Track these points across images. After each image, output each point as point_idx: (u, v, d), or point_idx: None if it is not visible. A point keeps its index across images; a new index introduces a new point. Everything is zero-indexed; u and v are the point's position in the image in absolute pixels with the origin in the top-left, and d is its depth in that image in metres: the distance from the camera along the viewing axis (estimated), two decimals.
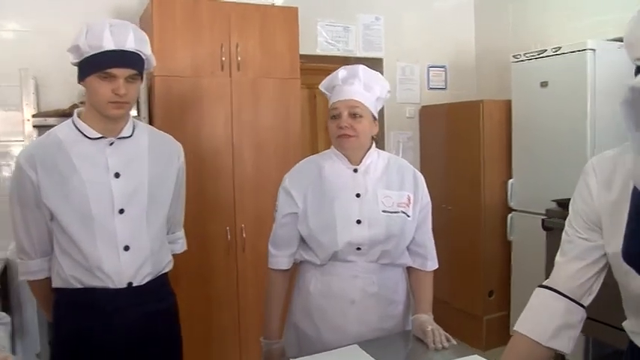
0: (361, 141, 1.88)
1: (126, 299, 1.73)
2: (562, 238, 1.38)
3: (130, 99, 1.70)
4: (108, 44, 1.61)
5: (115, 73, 1.63)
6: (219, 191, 3.18)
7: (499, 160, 3.97)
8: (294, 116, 3.39)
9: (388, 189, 1.91)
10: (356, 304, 1.87)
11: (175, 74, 3.05)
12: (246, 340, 3.25)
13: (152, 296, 1.80)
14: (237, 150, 3.22)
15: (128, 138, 1.78)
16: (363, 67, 1.91)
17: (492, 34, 4.57)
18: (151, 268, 1.78)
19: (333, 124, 1.87)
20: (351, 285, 1.87)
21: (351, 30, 4.21)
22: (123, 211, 1.71)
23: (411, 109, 4.49)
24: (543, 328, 1.30)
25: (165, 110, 3.05)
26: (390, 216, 1.87)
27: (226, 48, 3.16)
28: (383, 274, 1.91)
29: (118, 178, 1.72)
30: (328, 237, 1.84)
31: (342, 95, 1.86)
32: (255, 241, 3.24)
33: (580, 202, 1.32)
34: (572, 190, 3.25)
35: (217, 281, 3.18)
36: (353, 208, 1.86)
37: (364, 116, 1.86)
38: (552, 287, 1.34)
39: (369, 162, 1.93)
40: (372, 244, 1.85)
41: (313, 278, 1.91)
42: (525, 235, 3.82)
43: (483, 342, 3.93)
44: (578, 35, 3.73)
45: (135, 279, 1.74)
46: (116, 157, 1.73)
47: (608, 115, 3.41)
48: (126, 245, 1.71)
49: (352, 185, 1.90)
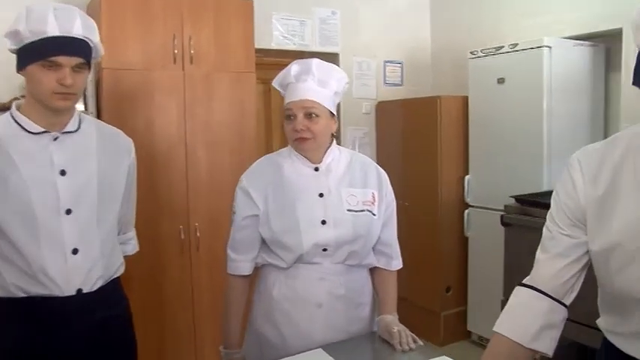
0: (319, 142, 1.79)
1: (75, 307, 1.60)
2: (543, 234, 1.33)
3: (77, 90, 1.58)
4: (52, 30, 1.48)
5: (61, 62, 1.50)
6: (171, 189, 3.05)
7: (456, 156, 3.97)
8: (249, 112, 3.29)
9: (352, 187, 1.84)
10: (323, 308, 1.79)
11: (125, 67, 2.91)
12: (202, 344, 3.14)
13: (104, 303, 1.68)
14: (191, 146, 3.10)
15: (74, 132, 1.65)
16: (317, 62, 1.80)
17: (448, 31, 4.57)
18: (101, 272, 1.66)
19: (289, 126, 1.77)
20: (317, 288, 1.79)
21: (307, 24, 4.13)
22: (70, 212, 1.58)
23: (367, 105, 4.45)
24: (525, 330, 1.25)
25: (114, 105, 2.90)
26: (356, 215, 1.80)
27: (179, 40, 3.03)
28: (350, 275, 1.83)
29: (63, 175, 1.59)
30: (293, 239, 1.75)
31: (295, 95, 1.76)
32: (209, 241, 3.13)
33: (564, 196, 1.28)
34: (529, 185, 3.35)
35: (171, 283, 3.05)
36: (317, 209, 1.78)
37: (321, 115, 1.75)
38: (533, 286, 1.29)
39: (330, 160, 1.85)
40: (339, 244, 1.77)
41: (277, 282, 1.81)
42: (482, 231, 3.84)
43: (441, 337, 3.93)
44: (534, 32, 3.76)
45: (85, 285, 1.61)
46: (61, 153, 1.60)
47: (564, 112, 3.45)
48: (74, 248, 1.59)
49: (314, 185, 1.81)
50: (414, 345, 1.72)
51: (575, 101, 3.52)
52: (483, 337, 3.90)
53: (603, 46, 3.60)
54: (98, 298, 1.65)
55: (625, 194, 1.17)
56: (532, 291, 1.29)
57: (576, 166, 1.26)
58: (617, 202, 1.18)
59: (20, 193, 1.53)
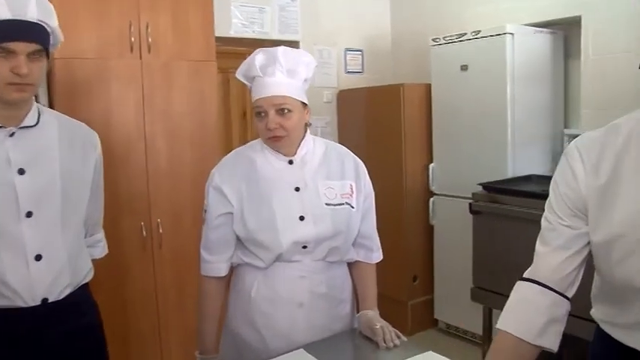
0: (293, 137, 1.70)
1: (41, 319, 1.47)
2: (542, 225, 1.29)
3: (34, 80, 1.43)
4: (3, 12, 1.34)
5: (14, 49, 1.36)
6: (131, 184, 2.91)
7: (420, 144, 3.95)
8: (210, 102, 3.17)
9: (329, 179, 1.75)
10: (304, 307, 1.71)
11: (78, 56, 2.74)
12: (168, 345, 3.03)
13: (73, 312, 1.56)
14: (150, 139, 2.96)
15: (33, 127, 1.51)
16: (283, 49, 1.68)
17: (408, 18, 4.54)
18: (69, 279, 1.54)
19: (261, 124, 1.66)
20: (298, 287, 1.70)
21: (267, 11, 4.02)
22: (31, 214, 1.45)
23: (329, 94, 4.39)
24: (530, 326, 1.21)
25: (67, 96, 2.73)
26: (335, 209, 1.72)
27: (135, 27, 2.88)
28: (331, 272, 1.76)
29: (22, 175, 1.45)
30: (270, 237, 1.66)
31: (264, 91, 1.64)
32: (172, 237, 3.01)
33: (564, 186, 1.24)
34: (493, 173, 3.36)
35: (133, 283, 2.92)
36: (294, 204, 1.69)
37: (293, 110, 1.65)
38: (536, 280, 1.25)
39: (305, 152, 1.76)
40: (319, 241, 1.69)
41: (255, 282, 1.72)
42: (447, 219, 3.84)
43: (408, 327, 3.92)
44: (494, 19, 3.78)
45: (50, 294, 1.49)
46: (19, 150, 1.46)
47: (527, 99, 3.47)
48: (37, 254, 1.46)
49: (289, 179, 1.72)
50: (397, 341, 1.67)
51: (537, 88, 3.54)
52: (450, 324, 3.92)
53: (562, 34, 3.63)
54: (67, 308, 1.53)
55: (627, 183, 1.14)
56: (535, 285, 1.25)
57: (576, 155, 1.22)
58: (618, 192, 1.15)
59: None
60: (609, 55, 3.24)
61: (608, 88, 3.26)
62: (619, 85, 3.20)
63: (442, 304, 3.95)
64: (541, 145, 3.60)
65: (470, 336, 3.79)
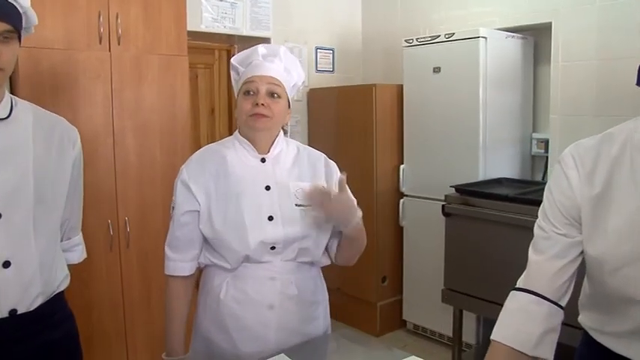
0: (275, 124, 1.68)
1: (9, 333, 1.35)
2: (535, 233, 1.27)
3: (5, 65, 1.30)
4: None
5: None
6: (98, 181, 2.79)
7: (390, 145, 3.95)
8: (181, 97, 3.08)
9: (300, 181, 1.72)
10: (275, 310, 1.66)
11: (44, 46, 2.62)
12: (134, 346, 2.93)
13: (46, 324, 1.43)
14: (119, 134, 2.86)
15: (4, 120, 1.38)
16: (285, 49, 1.74)
17: (379, 19, 4.53)
18: (41, 288, 1.41)
19: (247, 101, 1.64)
20: (268, 288, 1.66)
21: (238, 6, 3.94)
22: (0, 216, 1.33)
23: (299, 92, 4.34)
24: (527, 337, 1.19)
25: (32, 89, 2.60)
26: (305, 210, 1.67)
27: (104, 17, 2.78)
28: (301, 273, 1.71)
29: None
30: (238, 238, 1.61)
31: (261, 70, 1.66)
32: (140, 236, 2.92)
33: (558, 194, 1.22)
34: (465, 175, 3.39)
35: (99, 282, 2.81)
36: (263, 203, 1.65)
37: (282, 97, 1.67)
38: (531, 290, 1.23)
39: (279, 151, 1.73)
40: (288, 242, 1.65)
41: (224, 283, 1.67)
42: (417, 221, 3.85)
43: (377, 327, 3.92)
44: (465, 23, 3.80)
45: (20, 305, 1.35)
46: None
47: (499, 102, 3.50)
48: (5, 261, 1.32)
49: (260, 177, 1.68)
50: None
51: (508, 92, 3.58)
52: (418, 325, 3.93)
53: (532, 40, 3.68)
54: (38, 320, 1.41)
55: (621, 193, 1.14)
56: (530, 295, 1.23)
57: (570, 163, 1.21)
58: (612, 202, 1.14)
59: None
60: (578, 62, 3.29)
61: (575, 94, 3.32)
62: (586, 91, 3.26)
63: (411, 305, 3.95)
64: (511, 148, 3.64)
65: (438, 337, 3.80)
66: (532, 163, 3.77)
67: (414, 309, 3.93)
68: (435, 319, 3.75)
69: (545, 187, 1.28)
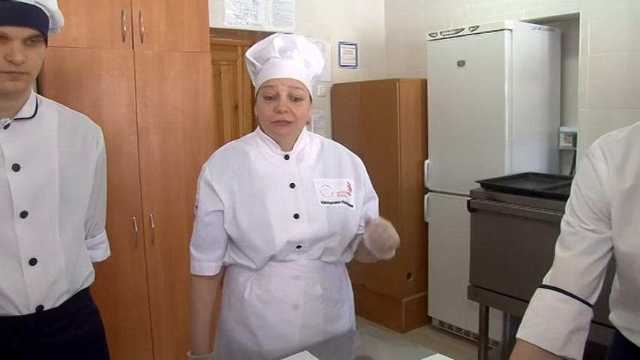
0: (298, 127, 1.63)
1: (36, 328, 1.37)
2: (562, 229, 1.24)
3: (31, 68, 1.31)
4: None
5: (8, 34, 1.23)
6: (123, 178, 2.82)
7: (415, 140, 3.91)
8: (204, 94, 3.09)
9: (325, 177, 1.68)
10: (299, 309, 1.64)
11: (69, 44, 2.64)
12: (159, 342, 2.95)
13: (71, 320, 1.45)
14: (143, 131, 2.88)
15: (30, 119, 1.39)
16: (303, 39, 1.63)
17: (403, 12, 4.48)
18: (67, 285, 1.43)
19: (268, 107, 1.57)
20: (293, 288, 1.63)
21: (260, 3, 3.94)
22: (26, 215, 1.33)
23: (323, 88, 4.32)
24: (554, 336, 1.15)
25: (57, 87, 2.63)
26: (331, 207, 1.64)
27: (128, 16, 2.79)
28: (326, 272, 1.68)
29: (17, 171, 1.33)
30: (264, 237, 1.58)
31: (280, 71, 1.57)
32: (165, 233, 2.94)
33: (586, 188, 1.19)
34: (490, 170, 3.33)
35: (125, 278, 2.84)
36: (288, 201, 1.61)
37: (304, 99, 1.59)
38: (558, 287, 1.20)
39: (302, 147, 1.68)
40: (314, 240, 1.62)
41: (248, 283, 1.65)
42: (442, 216, 3.81)
43: (402, 324, 3.89)
44: (490, 15, 3.74)
45: (46, 301, 1.37)
46: (14, 144, 1.34)
47: (525, 95, 3.44)
48: (32, 258, 1.34)
49: (284, 174, 1.64)
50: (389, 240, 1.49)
51: (534, 85, 3.51)
52: (444, 322, 3.89)
53: (559, 31, 3.60)
54: (64, 315, 1.43)
55: None
56: (557, 293, 1.19)
57: (599, 156, 1.17)
58: None
59: None
60: (607, 53, 3.21)
61: (605, 87, 3.23)
62: (616, 83, 3.18)
63: (436, 301, 3.91)
64: (538, 142, 3.57)
65: (464, 334, 3.76)
66: (560, 158, 3.70)
67: (440, 305, 3.89)
68: (461, 315, 3.71)
69: (573, 181, 1.24)
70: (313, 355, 1.57)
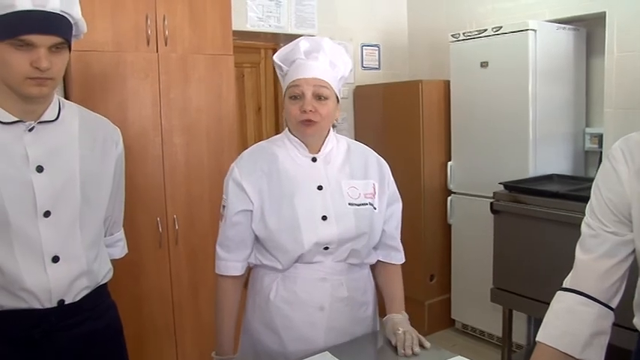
0: (324, 126, 1.64)
1: (57, 321, 1.42)
2: (583, 231, 1.22)
3: (55, 74, 1.34)
4: (22, 2, 1.25)
5: (34, 42, 1.27)
6: (147, 179, 2.86)
7: (438, 142, 3.89)
8: (227, 96, 3.11)
9: (352, 179, 1.69)
10: (325, 311, 1.65)
11: (94, 48, 2.69)
12: (183, 342, 2.99)
13: (90, 313, 1.50)
14: (167, 133, 2.92)
15: (53, 122, 1.43)
16: (328, 40, 1.65)
17: (425, 13, 4.47)
18: (87, 281, 1.48)
19: (294, 107, 1.59)
20: (318, 290, 1.65)
21: (283, 5, 3.95)
22: (49, 214, 1.38)
23: (345, 90, 4.31)
24: (574, 339, 1.15)
25: (83, 90, 2.68)
26: (358, 209, 1.65)
27: (152, 20, 2.83)
28: (351, 274, 1.70)
29: (41, 172, 1.37)
30: (292, 238, 1.60)
31: (306, 72, 1.59)
32: (189, 233, 2.97)
33: (607, 190, 1.17)
34: (514, 172, 3.30)
35: (149, 278, 2.88)
36: (316, 203, 1.63)
37: (330, 98, 1.60)
38: (579, 290, 1.19)
39: (329, 149, 1.70)
40: (342, 242, 1.63)
41: (274, 284, 1.66)
42: (465, 218, 3.78)
43: (425, 326, 3.87)
44: (514, 15, 3.70)
45: (67, 295, 1.43)
46: (38, 147, 1.38)
47: (550, 96, 3.40)
48: (55, 256, 1.39)
49: (312, 176, 1.66)
50: (417, 349, 1.58)
51: (559, 86, 3.47)
52: (468, 325, 3.87)
53: (584, 31, 3.56)
54: (83, 309, 1.48)
55: None
56: (578, 296, 1.18)
57: (620, 158, 1.16)
58: None
59: None
60: (634, 52, 3.16)
61: (631, 87, 3.18)
62: None
63: (459, 303, 3.89)
64: (562, 143, 3.53)
65: (487, 337, 3.73)
66: (585, 159, 3.65)
67: (463, 308, 3.86)
68: (484, 318, 3.67)
69: (593, 183, 1.23)
70: (334, 355, 1.58)
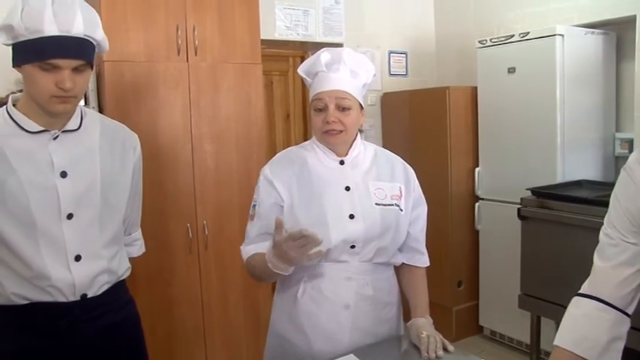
0: (349, 135, 1.70)
1: (80, 313, 1.52)
2: (601, 240, 1.24)
3: (78, 92, 1.44)
4: (50, 28, 1.34)
5: (60, 64, 1.36)
6: (178, 186, 2.94)
7: (465, 148, 3.90)
8: (255, 104, 3.17)
9: (379, 180, 1.75)
10: (350, 309, 1.70)
11: (127, 59, 2.78)
12: (212, 345, 3.04)
13: (110, 306, 1.61)
14: (197, 141, 2.99)
15: (76, 131, 1.53)
16: (349, 51, 1.72)
17: (452, 19, 4.48)
18: (107, 277, 1.58)
19: (319, 118, 1.67)
20: (344, 288, 1.69)
21: (311, 14, 4.02)
22: (72, 216, 1.48)
23: (373, 97, 4.36)
24: (592, 344, 1.17)
25: (116, 99, 2.77)
26: (384, 209, 1.71)
27: (182, 30, 2.91)
28: (377, 274, 1.74)
29: (64, 177, 1.48)
30: (320, 235, 1.64)
31: (327, 84, 1.66)
32: (218, 239, 3.03)
33: (625, 201, 1.19)
34: (542, 178, 3.28)
35: (179, 283, 2.94)
36: (344, 202, 1.69)
37: (352, 108, 1.67)
38: (597, 296, 1.20)
39: (356, 154, 1.76)
40: (367, 240, 1.68)
41: (301, 283, 1.71)
42: (493, 224, 3.77)
43: (453, 332, 3.86)
44: (542, 20, 3.69)
45: (89, 290, 1.53)
46: (62, 154, 1.49)
47: (577, 102, 3.38)
48: (77, 255, 1.50)
49: (340, 178, 1.72)
50: (441, 352, 1.61)
51: (588, 91, 3.44)
52: (495, 331, 3.84)
53: (614, 35, 3.52)
54: (104, 302, 1.58)
55: None
56: (596, 302, 1.20)
57: (637, 169, 1.17)
58: None
59: (18, 197, 1.42)
60: None
61: None
62: None
63: (487, 310, 3.87)
64: (592, 149, 3.50)
65: (516, 344, 3.70)
66: (616, 164, 3.60)
67: (491, 314, 3.84)
68: (512, 325, 3.65)
69: (612, 193, 1.24)
70: (359, 358, 1.61)
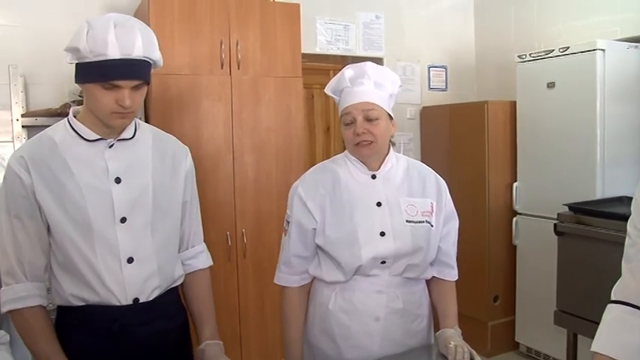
0: (380, 145, 1.73)
1: (133, 317, 1.58)
2: (626, 242, 1.27)
3: (135, 108, 1.54)
4: (113, 52, 1.44)
5: (120, 84, 1.47)
6: (218, 195, 3.04)
7: (503, 162, 3.88)
8: (296, 117, 3.26)
9: (411, 196, 1.77)
10: (380, 321, 1.74)
11: (173, 72, 2.91)
12: (248, 352, 3.12)
13: (162, 313, 1.66)
14: (238, 152, 3.09)
15: (130, 140, 1.63)
16: (371, 64, 1.76)
17: (493, 34, 4.48)
18: (158, 282, 1.63)
19: (349, 132, 1.71)
20: (375, 301, 1.74)
21: (351, 28, 4.09)
22: (125, 220, 1.57)
23: (412, 110, 4.39)
24: (627, 347, 1.21)
25: (162, 110, 2.90)
26: (415, 226, 1.73)
27: (226, 45, 3.03)
28: (407, 288, 1.78)
29: (119, 183, 1.57)
30: (351, 252, 1.69)
31: (353, 98, 1.70)
32: (256, 248, 3.12)
33: None
34: (581, 193, 3.27)
35: (217, 290, 2.99)
36: (375, 219, 1.72)
37: (380, 118, 1.70)
38: (624, 301, 1.23)
39: (389, 167, 1.79)
40: (398, 257, 1.71)
41: (333, 294, 1.76)
42: (531, 240, 3.74)
43: (488, 348, 3.83)
44: (582, 35, 3.67)
45: (141, 294, 1.59)
46: (116, 161, 1.58)
47: (619, 117, 3.34)
48: (129, 257, 1.57)
49: (372, 193, 1.75)
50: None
51: (629, 106, 3.40)
52: (532, 348, 3.80)
53: None
54: (156, 309, 1.63)
55: None
56: (624, 306, 1.24)
57: None
58: None
59: (77, 200, 1.52)
60: None
61: None
62: None
63: (524, 326, 3.83)
64: (634, 164, 3.44)
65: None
66: None
67: (528, 331, 3.80)
68: (549, 342, 3.60)
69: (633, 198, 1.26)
70: None
